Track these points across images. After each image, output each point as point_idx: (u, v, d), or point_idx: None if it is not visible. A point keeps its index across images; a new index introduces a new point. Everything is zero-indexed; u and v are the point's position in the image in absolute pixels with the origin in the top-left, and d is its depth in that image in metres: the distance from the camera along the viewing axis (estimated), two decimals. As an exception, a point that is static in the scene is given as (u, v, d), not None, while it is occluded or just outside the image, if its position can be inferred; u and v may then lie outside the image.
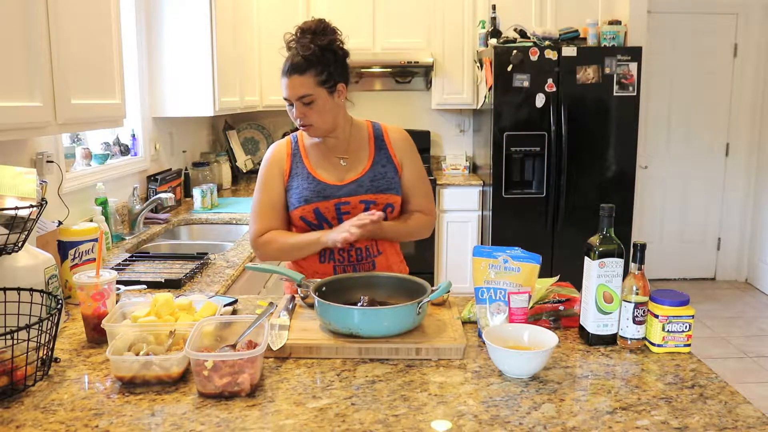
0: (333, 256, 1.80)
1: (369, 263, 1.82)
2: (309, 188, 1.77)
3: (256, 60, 4.21)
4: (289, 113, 1.77)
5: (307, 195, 1.77)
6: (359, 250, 1.80)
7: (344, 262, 1.80)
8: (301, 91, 1.71)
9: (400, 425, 1.07)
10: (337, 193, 1.78)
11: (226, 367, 1.15)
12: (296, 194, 1.79)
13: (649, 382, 1.24)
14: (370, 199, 1.78)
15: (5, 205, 1.40)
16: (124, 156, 3.16)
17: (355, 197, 1.78)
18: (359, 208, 1.78)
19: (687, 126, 5.27)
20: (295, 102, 1.72)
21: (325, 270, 1.79)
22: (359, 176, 1.80)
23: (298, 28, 1.74)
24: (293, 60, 1.71)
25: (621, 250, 1.38)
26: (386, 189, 1.81)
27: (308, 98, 1.71)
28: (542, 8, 4.61)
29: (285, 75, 1.72)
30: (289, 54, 1.73)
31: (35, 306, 1.32)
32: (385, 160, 1.84)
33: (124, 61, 2.26)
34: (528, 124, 4.23)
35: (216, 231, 3.15)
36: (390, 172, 1.83)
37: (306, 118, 1.74)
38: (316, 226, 1.78)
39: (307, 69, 1.69)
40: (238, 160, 4.45)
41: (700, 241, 5.46)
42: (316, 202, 1.76)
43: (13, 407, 1.14)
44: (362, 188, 1.79)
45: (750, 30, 5.12)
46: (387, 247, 1.86)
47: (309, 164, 1.81)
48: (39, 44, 1.68)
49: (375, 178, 1.81)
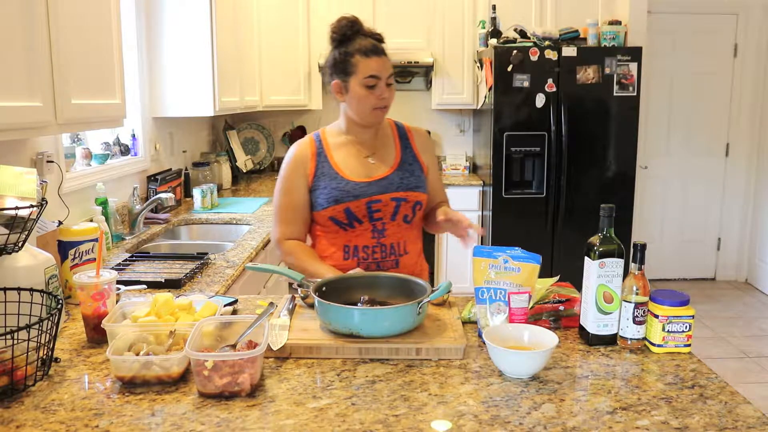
0: (357, 253, 1.80)
1: (393, 261, 1.82)
2: (338, 188, 1.78)
3: (256, 60, 4.21)
4: (364, 97, 1.76)
5: (337, 195, 1.77)
6: (384, 248, 1.81)
7: (368, 260, 1.81)
8: (390, 68, 1.78)
9: (400, 425, 1.07)
10: (368, 192, 1.78)
11: (226, 367, 1.15)
12: (324, 195, 1.79)
13: (649, 382, 1.24)
14: (402, 197, 1.80)
15: (5, 205, 1.40)
16: (124, 156, 3.16)
17: (386, 195, 1.79)
18: (390, 206, 1.79)
19: (687, 126, 5.27)
20: (384, 81, 1.76)
21: (350, 267, 1.79)
22: (388, 174, 1.82)
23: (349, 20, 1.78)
24: (375, 41, 1.76)
25: (621, 250, 1.38)
26: (415, 187, 1.83)
27: (391, 79, 1.78)
28: (542, 8, 4.61)
29: (374, 54, 1.75)
30: (358, 38, 1.76)
31: (35, 306, 1.32)
32: (411, 158, 1.87)
33: (124, 61, 2.26)
34: (528, 124, 4.23)
35: (216, 231, 3.15)
36: (417, 171, 1.85)
37: (387, 100, 1.78)
38: (346, 225, 1.79)
39: (384, 52, 1.77)
40: (238, 160, 4.45)
41: (700, 241, 5.46)
42: (347, 201, 1.77)
43: (13, 407, 1.14)
44: (393, 186, 1.80)
45: (750, 30, 5.12)
46: (412, 247, 1.88)
47: (335, 163, 1.81)
48: (39, 44, 1.68)
49: (404, 176, 1.82)
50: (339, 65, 1.77)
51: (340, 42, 1.77)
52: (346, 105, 1.81)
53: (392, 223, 1.81)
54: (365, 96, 1.76)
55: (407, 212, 1.83)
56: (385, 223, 1.80)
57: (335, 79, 1.80)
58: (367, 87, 1.75)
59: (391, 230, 1.82)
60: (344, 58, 1.76)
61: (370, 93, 1.75)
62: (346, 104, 1.81)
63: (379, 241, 1.80)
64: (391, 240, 1.81)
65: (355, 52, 1.74)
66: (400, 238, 1.83)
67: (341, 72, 1.77)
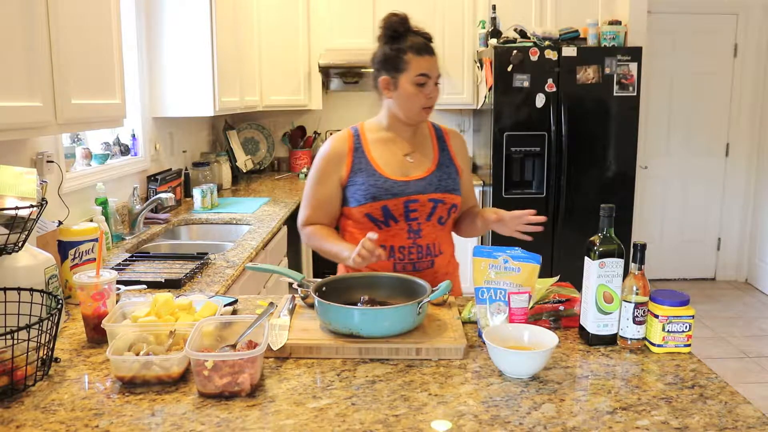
0: (393, 254, 1.80)
1: (428, 262, 1.82)
2: (376, 185, 1.77)
3: (256, 60, 4.21)
4: (414, 95, 1.76)
5: (375, 192, 1.77)
6: (420, 248, 1.80)
7: (404, 260, 1.80)
8: (438, 68, 1.79)
9: (400, 425, 1.07)
10: (406, 191, 1.78)
11: (226, 367, 1.15)
12: (361, 191, 1.79)
13: (649, 382, 1.24)
14: (439, 198, 1.80)
15: (5, 205, 1.40)
16: (124, 156, 3.16)
17: (424, 195, 1.79)
18: (428, 207, 1.79)
19: (687, 126, 5.27)
20: (433, 80, 1.77)
21: (385, 266, 1.80)
22: (426, 174, 1.82)
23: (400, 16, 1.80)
24: (425, 41, 1.78)
25: (621, 250, 1.38)
26: (452, 189, 1.84)
27: (439, 79, 1.79)
28: (542, 8, 4.61)
29: (426, 53, 1.76)
30: (409, 36, 1.77)
31: (35, 306, 1.32)
32: (448, 161, 1.87)
33: (124, 61, 2.26)
34: (528, 124, 4.23)
35: (216, 231, 3.15)
36: (453, 173, 1.86)
37: (434, 99, 1.79)
38: (381, 223, 1.78)
39: (434, 53, 1.78)
40: (238, 160, 4.45)
41: (700, 241, 5.46)
42: (385, 199, 1.76)
43: (13, 407, 1.14)
44: (431, 186, 1.80)
45: (750, 30, 5.12)
46: (446, 247, 1.88)
47: (373, 159, 1.81)
48: (39, 44, 1.68)
49: (442, 178, 1.83)
50: (390, 61, 1.77)
51: (390, 38, 1.78)
52: (391, 102, 1.81)
53: (428, 223, 1.81)
54: (414, 94, 1.76)
55: (443, 214, 1.82)
56: (421, 223, 1.80)
57: (384, 75, 1.79)
58: (417, 85, 1.75)
59: (427, 231, 1.81)
60: (396, 55, 1.76)
61: (419, 91, 1.76)
62: (393, 101, 1.81)
63: (415, 242, 1.80)
64: (426, 240, 1.81)
65: (407, 50, 1.75)
66: (435, 239, 1.83)
67: (392, 68, 1.77)
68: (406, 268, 1.80)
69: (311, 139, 4.98)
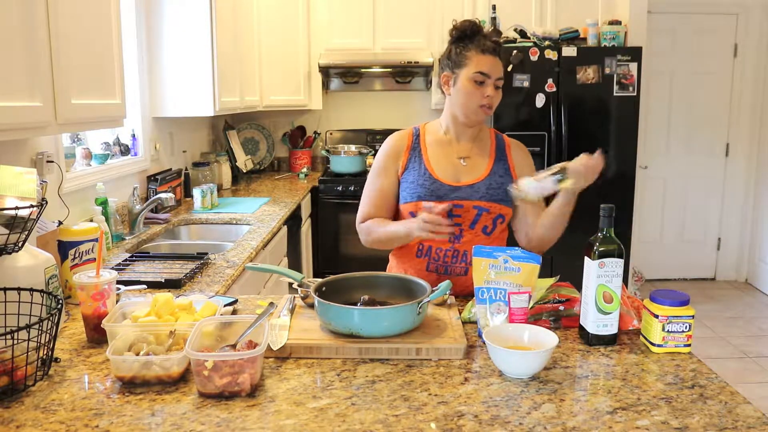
0: (429, 253, 1.80)
1: (462, 269, 1.79)
2: (424, 185, 1.78)
3: (256, 60, 4.21)
4: (471, 92, 1.76)
5: (420, 192, 1.77)
6: (457, 254, 1.79)
7: (438, 261, 1.80)
8: (500, 72, 1.78)
9: (400, 425, 1.07)
10: (451, 195, 1.78)
11: (226, 367, 1.15)
12: (409, 189, 1.79)
13: (649, 382, 1.24)
14: (484, 207, 1.78)
15: (5, 205, 1.40)
16: (124, 156, 3.16)
17: (469, 202, 1.78)
18: (471, 214, 1.78)
19: (687, 126, 5.27)
20: (492, 81, 1.76)
21: (419, 265, 1.80)
22: (476, 181, 1.80)
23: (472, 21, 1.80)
24: (492, 42, 1.76)
25: (621, 251, 1.38)
26: (500, 200, 1.80)
27: (501, 81, 1.78)
28: (542, 8, 4.61)
29: (489, 53, 1.76)
30: (478, 37, 1.77)
31: (35, 306, 1.32)
32: (503, 171, 1.84)
33: (124, 61, 2.26)
34: (528, 124, 4.23)
35: (216, 231, 3.15)
36: (506, 184, 1.81)
37: (493, 99, 1.78)
38: None
39: (500, 55, 1.77)
40: (238, 160, 4.45)
41: (700, 241, 5.46)
42: (429, 200, 1.75)
43: (13, 407, 1.14)
44: (477, 194, 1.79)
45: (750, 30, 5.12)
46: None
47: (427, 159, 1.82)
48: (39, 44, 1.68)
49: (491, 187, 1.80)
50: (453, 58, 1.78)
51: (458, 38, 1.79)
52: (450, 99, 1.82)
53: (470, 231, 1.79)
54: (472, 92, 1.76)
55: (487, 223, 1.80)
56: (464, 230, 1.78)
57: (445, 71, 1.81)
58: (475, 82, 1.75)
59: (468, 238, 1.79)
60: (460, 51, 1.77)
61: (476, 89, 1.76)
62: (451, 98, 1.81)
63: (453, 246, 1.78)
64: (465, 247, 1.78)
65: (472, 47, 1.76)
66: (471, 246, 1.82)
67: (453, 64, 1.78)
68: (438, 270, 1.80)
69: (311, 139, 4.98)
